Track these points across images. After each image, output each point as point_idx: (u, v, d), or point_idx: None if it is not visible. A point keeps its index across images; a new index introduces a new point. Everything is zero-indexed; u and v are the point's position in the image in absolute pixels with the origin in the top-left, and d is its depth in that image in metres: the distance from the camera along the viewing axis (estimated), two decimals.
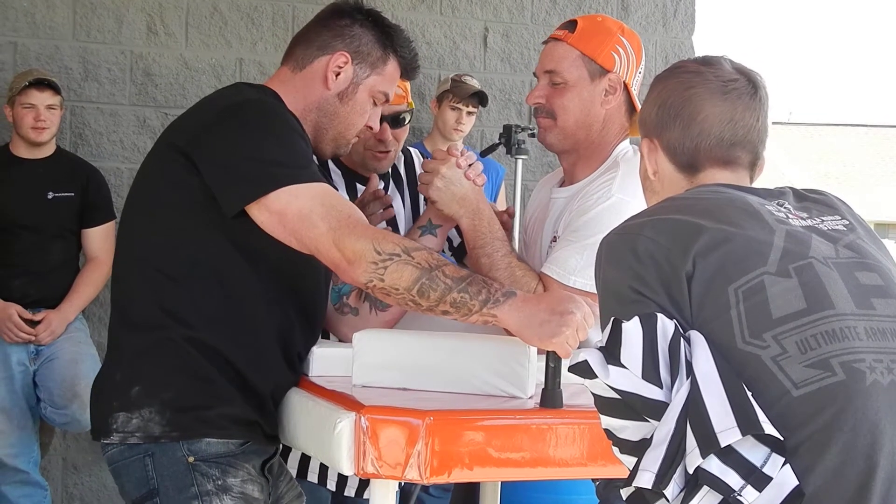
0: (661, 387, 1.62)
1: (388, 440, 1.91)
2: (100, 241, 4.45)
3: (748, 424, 1.56)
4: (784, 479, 1.57)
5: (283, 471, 2.43)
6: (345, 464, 1.94)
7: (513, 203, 5.08)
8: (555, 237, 2.58)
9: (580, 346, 1.98)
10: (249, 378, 2.20)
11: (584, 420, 1.98)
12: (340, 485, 2.74)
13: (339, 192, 2.67)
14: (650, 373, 1.62)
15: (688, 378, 1.61)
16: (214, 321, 2.18)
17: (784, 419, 1.59)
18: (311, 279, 2.32)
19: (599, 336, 1.71)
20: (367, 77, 2.36)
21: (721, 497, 1.57)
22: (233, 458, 2.18)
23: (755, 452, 1.57)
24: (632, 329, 1.64)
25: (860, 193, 26.08)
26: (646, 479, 1.60)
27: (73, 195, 4.42)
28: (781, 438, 1.58)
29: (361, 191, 2.74)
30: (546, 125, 2.60)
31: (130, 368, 2.20)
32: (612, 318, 1.67)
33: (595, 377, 1.64)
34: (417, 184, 2.64)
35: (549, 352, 2.03)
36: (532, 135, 4.86)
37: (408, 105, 2.75)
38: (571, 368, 1.67)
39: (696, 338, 1.64)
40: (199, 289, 2.19)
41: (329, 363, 2.31)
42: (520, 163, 5.01)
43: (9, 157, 4.42)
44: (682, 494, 1.59)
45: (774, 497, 1.56)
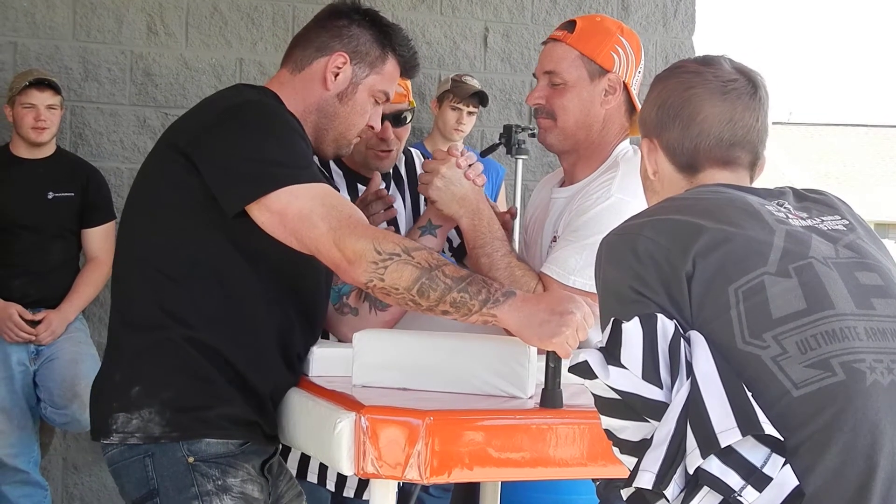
0: (662, 387, 1.62)
1: (388, 440, 1.91)
2: (100, 241, 4.45)
3: (748, 425, 1.56)
4: (784, 480, 1.57)
5: (283, 470, 2.43)
6: (345, 464, 1.94)
7: (513, 203, 5.08)
8: (555, 237, 2.58)
9: (580, 346, 1.98)
10: (249, 378, 2.20)
11: (584, 420, 1.98)
12: (339, 485, 2.74)
13: (341, 193, 2.68)
14: (650, 373, 1.62)
15: (688, 378, 1.61)
16: (214, 321, 2.18)
17: (784, 419, 1.59)
18: (312, 279, 2.32)
19: (599, 336, 1.71)
20: (367, 77, 2.36)
21: (721, 497, 1.57)
22: (233, 459, 2.18)
23: (755, 453, 1.57)
24: (632, 329, 1.64)
25: (860, 193, 26.07)
26: (646, 480, 1.60)
27: (73, 195, 4.41)
28: (781, 439, 1.58)
29: (363, 191, 2.73)
30: (546, 126, 2.60)
31: (130, 369, 2.20)
32: (613, 319, 1.67)
33: (595, 377, 1.64)
34: (418, 184, 2.64)
35: (549, 352, 2.03)
36: (532, 135, 4.86)
37: (409, 104, 2.75)
38: (571, 369, 1.67)
39: (697, 338, 1.64)
40: (199, 289, 2.19)
41: (329, 363, 2.30)
42: (520, 163, 5.01)
43: (9, 157, 4.42)
44: (683, 495, 1.59)
45: (775, 497, 1.56)
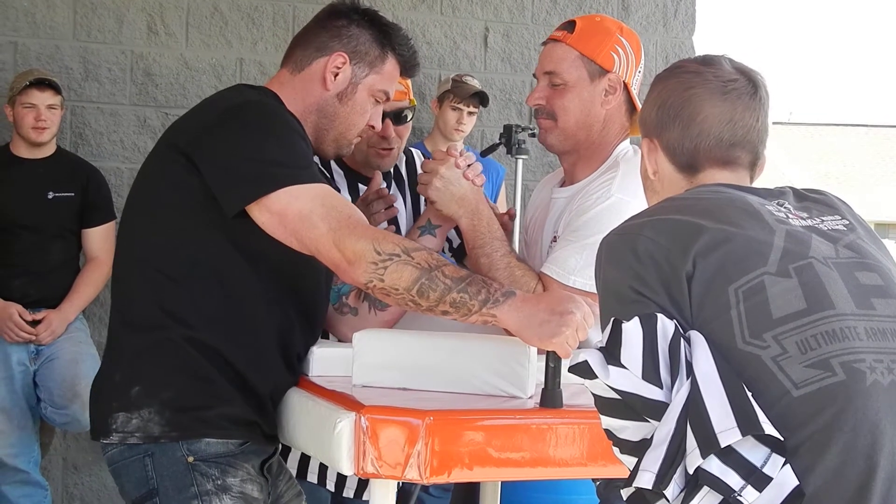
0: (662, 387, 1.62)
1: (388, 440, 1.91)
2: (100, 241, 4.45)
3: (748, 425, 1.56)
4: (784, 480, 1.57)
5: (283, 470, 2.43)
6: (345, 464, 1.94)
7: (513, 203, 5.08)
8: (555, 237, 2.58)
9: (580, 346, 1.98)
10: (249, 378, 2.20)
11: (584, 420, 1.98)
12: (339, 485, 2.74)
13: (342, 193, 2.68)
14: (650, 373, 1.62)
15: (688, 378, 1.61)
16: (214, 321, 2.19)
17: (784, 419, 1.59)
18: (312, 279, 2.32)
19: (599, 336, 1.71)
20: (366, 76, 2.36)
21: (721, 497, 1.57)
22: (232, 458, 2.18)
23: (755, 453, 1.57)
24: (632, 329, 1.64)
25: (860, 193, 26.07)
26: (646, 480, 1.60)
27: (74, 195, 4.41)
28: (782, 439, 1.58)
29: (363, 190, 2.73)
30: (547, 126, 2.60)
31: (130, 368, 2.20)
32: (613, 319, 1.67)
33: (595, 377, 1.64)
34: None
35: (549, 352, 2.03)
36: (532, 135, 4.86)
37: (410, 102, 2.75)
38: (571, 369, 1.67)
39: (697, 338, 1.64)
40: (200, 289, 2.19)
41: (329, 363, 2.30)
42: (520, 163, 5.01)
43: (9, 157, 4.42)
44: (683, 495, 1.59)
45: (775, 497, 1.56)
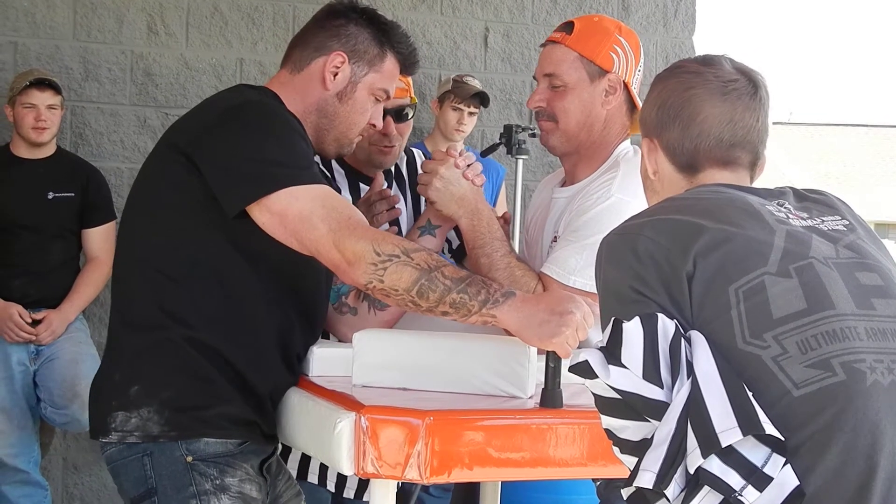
0: (662, 387, 1.62)
1: (388, 440, 1.90)
2: (100, 242, 4.45)
3: (749, 424, 1.56)
4: (785, 480, 1.57)
5: (282, 470, 2.43)
6: (345, 464, 1.94)
7: (513, 203, 5.09)
8: (555, 237, 2.58)
9: (580, 346, 1.98)
10: (249, 378, 2.20)
11: (585, 420, 1.98)
12: (340, 486, 2.74)
13: (343, 192, 2.69)
14: (651, 373, 1.62)
15: (688, 378, 1.61)
16: (214, 321, 2.18)
17: (785, 419, 1.59)
18: (312, 280, 2.32)
19: (599, 336, 1.71)
20: (366, 75, 2.36)
21: (722, 497, 1.57)
22: (231, 458, 2.18)
23: (756, 452, 1.57)
24: (632, 329, 1.64)
25: (860, 193, 26.07)
26: (646, 479, 1.60)
27: (74, 195, 4.41)
28: (782, 438, 1.58)
29: (365, 190, 2.73)
30: (548, 128, 2.60)
31: (130, 368, 2.20)
32: (613, 318, 1.67)
33: (595, 377, 1.64)
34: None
35: (549, 352, 2.03)
36: (533, 135, 4.86)
37: (411, 99, 2.75)
38: (572, 368, 1.67)
39: (697, 338, 1.64)
40: (200, 289, 2.19)
41: (329, 363, 2.30)
42: (520, 163, 5.02)
43: (9, 157, 4.42)
44: (683, 494, 1.59)
45: (775, 497, 1.56)
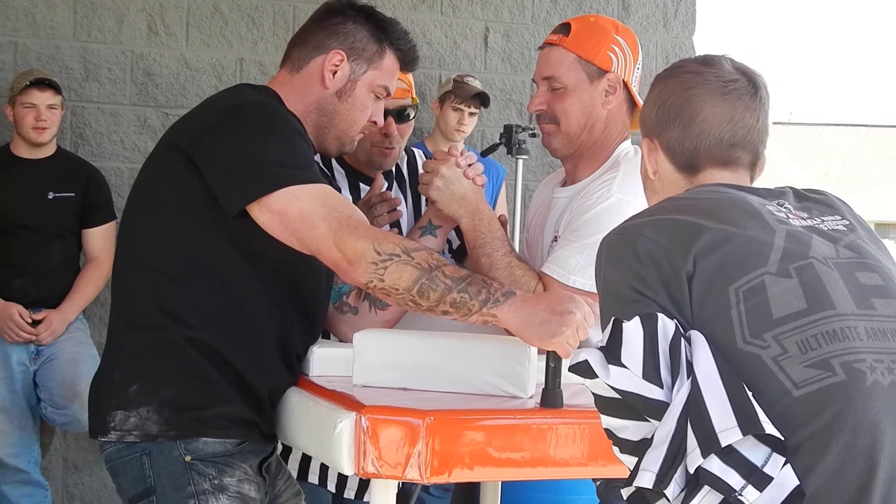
0: (662, 387, 1.62)
1: (389, 440, 1.90)
2: (100, 242, 4.45)
3: (749, 424, 1.56)
4: (785, 479, 1.57)
5: (282, 469, 2.43)
6: (345, 464, 1.94)
7: (513, 203, 5.09)
8: (556, 237, 2.58)
9: (580, 346, 1.98)
10: (248, 378, 2.20)
11: (585, 420, 1.98)
12: (340, 486, 2.74)
13: (343, 192, 2.68)
14: (651, 373, 1.62)
15: (688, 378, 1.61)
16: (214, 321, 2.18)
17: (785, 419, 1.59)
18: (312, 279, 2.32)
19: (599, 336, 1.71)
20: (365, 73, 2.35)
21: (722, 497, 1.57)
22: (230, 458, 2.18)
23: (756, 452, 1.57)
24: (632, 329, 1.64)
25: (860, 193, 26.07)
26: (646, 479, 1.60)
27: (74, 195, 4.41)
28: (782, 438, 1.58)
29: (365, 190, 2.73)
30: (549, 130, 2.60)
31: (130, 368, 2.20)
32: (613, 318, 1.67)
33: (595, 377, 1.64)
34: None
35: (549, 352, 2.03)
36: (533, 135, 4.86)
37: (412, 100, 2.74)
38: (572, 368, 1.67)
39: (697, 338, 1.64)
40: (200, 289, 2.19)
41: (329, 363, 2.30)
42: (520, 163, 5.02)
43: (9, 157, 4.42)
44: (683, 494, 1.59)
45: (775, 497, 1.56)
